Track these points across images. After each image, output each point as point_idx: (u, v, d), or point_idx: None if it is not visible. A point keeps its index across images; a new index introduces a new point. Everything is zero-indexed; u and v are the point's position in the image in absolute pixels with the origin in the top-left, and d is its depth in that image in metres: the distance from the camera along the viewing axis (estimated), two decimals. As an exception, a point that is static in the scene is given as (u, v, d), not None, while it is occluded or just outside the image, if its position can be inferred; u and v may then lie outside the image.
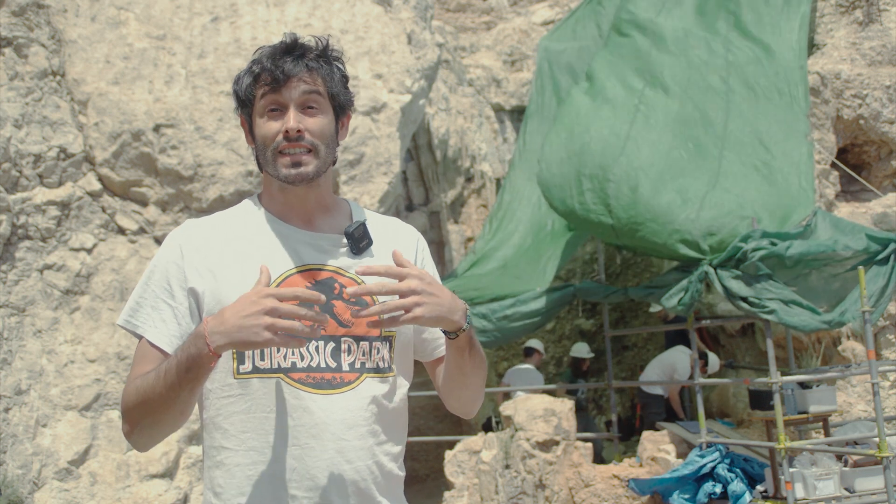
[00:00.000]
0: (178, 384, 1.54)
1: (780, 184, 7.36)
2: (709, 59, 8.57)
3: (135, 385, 1.62)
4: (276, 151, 1.70)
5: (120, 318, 1.74)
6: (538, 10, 13.62)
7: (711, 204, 7.04)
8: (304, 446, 1.65)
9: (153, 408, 1.59)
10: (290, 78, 1.69)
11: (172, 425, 1.65)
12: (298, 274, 1.72)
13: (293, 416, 1.66)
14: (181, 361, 1.54)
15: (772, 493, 6.66)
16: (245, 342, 1.49)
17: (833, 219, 6.97)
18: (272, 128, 1.70)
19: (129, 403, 1.63)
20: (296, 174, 1.70)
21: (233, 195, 7.51)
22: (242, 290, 1.65)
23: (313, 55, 1.74)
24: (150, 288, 1.72)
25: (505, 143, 12.01)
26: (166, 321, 1.69)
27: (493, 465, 7.42)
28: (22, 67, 7.16)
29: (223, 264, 1.71)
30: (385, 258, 1.79)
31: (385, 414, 1.75)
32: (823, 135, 8.95)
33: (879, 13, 9.53)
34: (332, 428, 1.66)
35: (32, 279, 6.85)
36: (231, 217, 1.80)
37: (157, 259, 1.74)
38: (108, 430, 6.79)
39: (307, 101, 1.71)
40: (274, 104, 1.71)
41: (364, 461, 1.69)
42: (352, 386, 1.70)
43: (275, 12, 8.37)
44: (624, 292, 7.87)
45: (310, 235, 1.77)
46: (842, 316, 6.47)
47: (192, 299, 1.69)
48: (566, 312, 10.42)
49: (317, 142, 1.71)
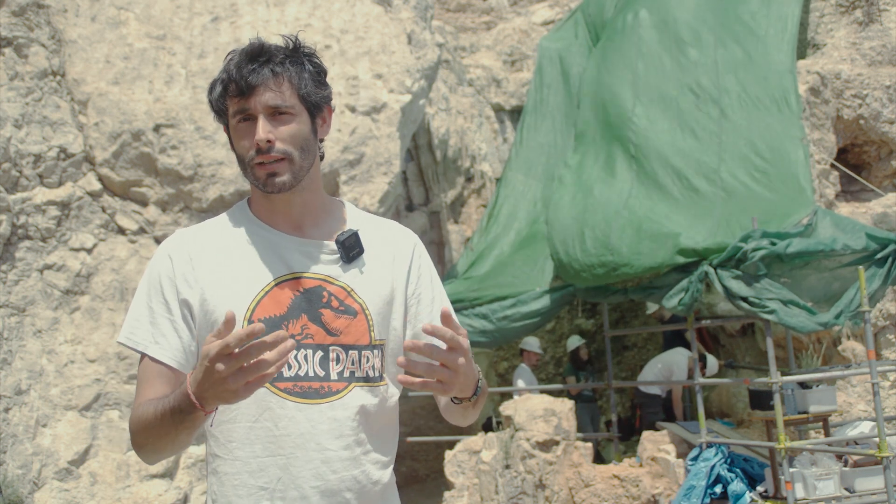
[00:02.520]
0: (175, 429, 1.54)
1: (780, 190, 7.38)
2: (699, 66, 8.65)
3: (137, 414, 1.62)
4: (251, 164, 1.69)
5: (121, 336, 1.72)
6: (538, 10, 13.61)
7: (711, 226, 7.24)
8: (290, 456, 1.64)
9: (154, 439, 1.59)
10: (255, 87, 1.66)
11: (177, 452, 1.66)
12: (286, 282, 1.70)
13: (278, 426, 1.65)
14: (174, 412, 1.51)
15: (772, 493, 6.66)
16: (230, 402, 1.47)
17: (834, 217, 6.97)
18: (244, 142, 1.69)
19: (134, 429, 1.63)
20: (272, 184, 1.68)
21: (233, 195, 7.51)
22: (229, 301, 1.66)
23: (280, 58, 1.69)
24: (147, 303, 1.70)
25: (505, 143, 12.01)
26: (167, 335, 1.67)
27: (493, 465, 7.42)
28: (22, 67, 7.16)
29: (211, 274, 1.69)
30: (378, 267, 1.78)
31: (373, 423, 1.73)
32: (823, 135, 8.95)
33: (879, 13, 9.53)
34: (317, 438, 1.65)
35: (32, 279, 6.85)
36: (219, 225, 1.79)
37: (149, 272, 1.73)
38: (108, 430, 6.79)
39: (276, 109, 1.67)
40: (243, 115, 1.69)
41: (349, 471, 1.67)
42: (339, 395, 1.68)
43: (275, 12, 8.37)
44: (624, 292, 7.88)
45: (298, 242, 1.75)
46: (837, 318, 6.47)
47: (185, 310, 1.68)
48: (566, 312, 10.43)
49: (289, 149, 1.67)
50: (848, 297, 6.54)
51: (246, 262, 1.71)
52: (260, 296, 1.68)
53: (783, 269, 6.52)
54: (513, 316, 8.32)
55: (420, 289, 1.83)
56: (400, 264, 1.82)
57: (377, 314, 1.75)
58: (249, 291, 1.68)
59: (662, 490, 7.19)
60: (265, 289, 1.68)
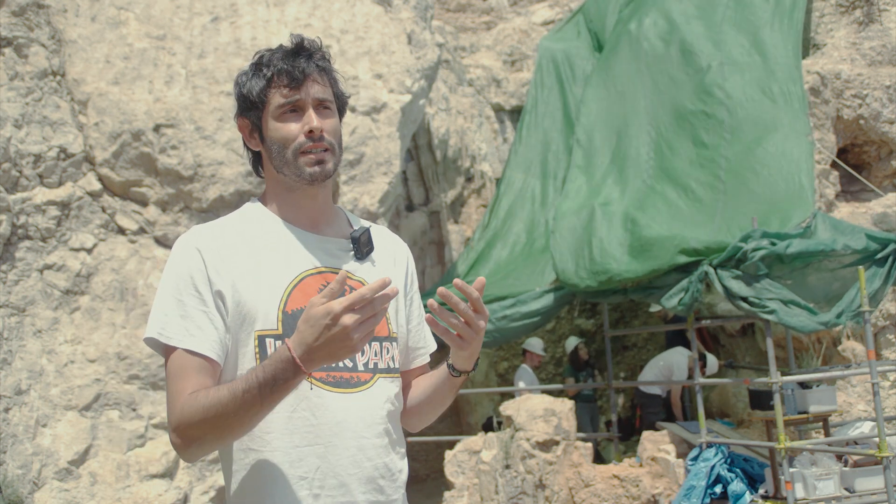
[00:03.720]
0: (260, 404, 1.54)
1: (781, 184, 7.39)
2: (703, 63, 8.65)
3: (197, 402, 1.58)
4: (297, 151, 1.73)
5: (150, 332, 1.68)
6: (538, 10, 13.62)
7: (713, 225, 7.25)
8: (328, 445, 1.67)
9: (224, 425, 1.57)
10: (307, 77, 1.73)
11: (236, 439, 1.65)
12: (312, 276, 1.74)
13: (315, 415, 1.67)
14: (265, 385, 1.52)
15: (772, 493, 6.66)
16: (340, 360, 1.55)
17: (832, 221, 6.98)
18: (292, 129, 1.73)
19: (192, 420, 1.59)
20: (319, 171, 1.74)
21: (233, 195, 7.51)
22: (262, 292, 1.68)
23: (319, 56, 1.77)
24: (177, 297, 1.68)
25: (505, 143, 12.01)
26: (202, 328, 1.66)
27: (493, 465, 7.42)
28: (22, 67, 7.16)
29: (240, 268, 1.71)
30: (384, 265, 1.86)
31: (395, 414, 1.81)
32: (823, 135, 8.95)
33: (879, 13, 9.53)
34: (353, 426, 1.69)
35: (32, 279, 6.85)
36: (238, 221, 1.80)
37: (176, 267, 1.71)
38: (108, 430, 6.79)
39: (322, 102, 1.75)
40: (292, 105, 1.73)
41: (382, 458, 1.73)
42: (367, 386, 1.74)
43: (275, 12, 8.36)
44: (624, 292, 7.88)
45: (318, 239, 1.80)
46: (838, 317, 6.47)
47: (220, 301, 1.68)
48: (566, 312, 10.43)
49: (333, 141, 1.76)
50: (849, 298, 6.54)
51: (273, 255, 1.74)
52: (290, 288, 1.71)
53: (783, 269, 6.52)
54: (513, 316, 8.32)
55: (413, 293, 1.96)
56: (399, 266, 1.92)
57: (391, 308, 1.84)
58: (280, 284, 1.71)
59: (662, 490, 7.19)
60: (294, 281, 1.72)
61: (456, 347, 1.71)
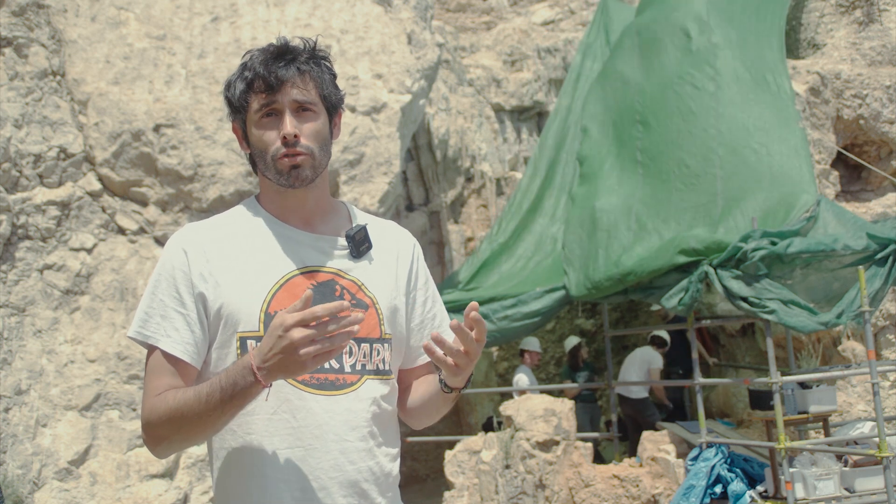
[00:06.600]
0: (221, 410, 1.54)
1: (780, 168, 7.36)
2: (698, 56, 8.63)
3: (165, 402, 1.60)
4: (274, 157, 1.71)
5: (130, 330, 1.71)
6: (538, 10, 13.62)
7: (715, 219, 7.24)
8: (308, 447, 1.66)
9: (189, 426, 1.59)
10: (284, 83, 1.70)
11: (203, 441, 1.66)
12: (300, 275, 1.72)
13: (296, 417, 1.66)
14: (226, 389, 1.53)
15: (772, 493, 6.66)
16: (293, 375, 1.53)
17: (836, 209, 6.94)
18: (270, 135, 1.71)
19: (159, 419, 1.61)
20: (295, 178, 1.71)
21: (233, 195, 7.51)
22: (245, 293, 1.67)
23: (304, 58, 1.74)
24: (159, 297, 1.70)
25: (505, 142, 12.01)
26: (179, 329, 1.67)
27: (493, 465, 7.42)
28: (22, 67, 7.16)
29: (225, 268, 1.70)
30: (383, 263, 1.82)
31: (384, 416, 1.76)
32: (823, 135, 8.95)
33: (879, 13, 9.53)
34: (335, 429, 1.67)
35: (32, 279, 6.85)
36: (231, 219, 1.80)
37: (161, 266, 1.73)
38: (108, 430, 6.79)
39: (301, 106, 1.72)
40: (269, 110, 1.71)
41: (365, 462, 1.70)
42: (353, 387, 1.71)
43: (275, 12, 8.37)
44: (624, 292, 7.88)
45: (310, 237, 1.77)
46: (838, 317, 6.47)
47: (200, 305, 1.68)
48: (566, 312, 10.42)
49: (312, 145, 1.72)
50: (849, 297, 6.53)
51: (260, 255, 1.73)
52: (275, 288, 1.70)
53: (783, 269, 6.52)
54: (513, 316, 8.31)
55: (416, 290, 1.90)
56: (402, 263, 1.87)
57: (387, 308, 1.79)
58: (265, 284, 1.70)
59: (662, 490, 7.19)
60: (280, 282, 1.71)
61: (451, 374, 1.68)
